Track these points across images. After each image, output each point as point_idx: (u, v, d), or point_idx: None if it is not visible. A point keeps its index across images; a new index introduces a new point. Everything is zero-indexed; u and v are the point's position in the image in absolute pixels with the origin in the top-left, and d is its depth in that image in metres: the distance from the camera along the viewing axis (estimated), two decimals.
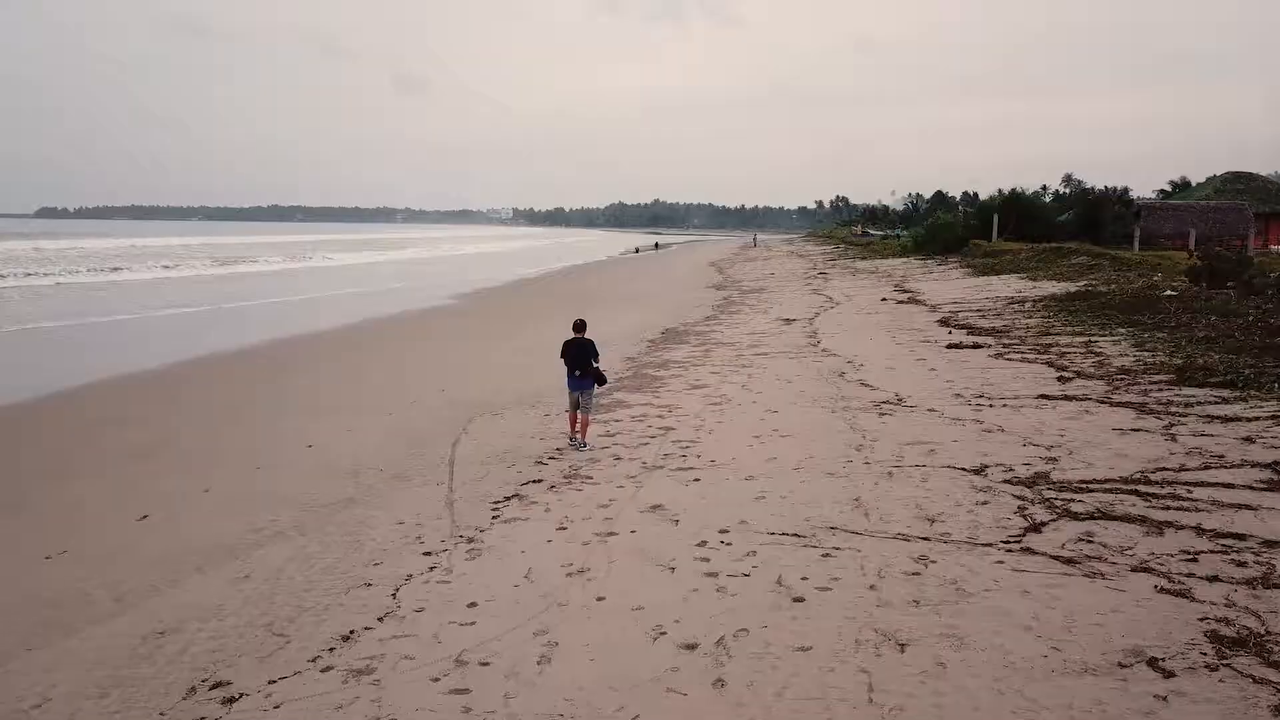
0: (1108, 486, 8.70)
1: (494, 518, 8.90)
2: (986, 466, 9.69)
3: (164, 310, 33.04)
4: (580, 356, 11.65)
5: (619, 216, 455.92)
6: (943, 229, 52.92)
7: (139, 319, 30.26)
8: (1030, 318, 22.52)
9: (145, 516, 9.58)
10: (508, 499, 9.53)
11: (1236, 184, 66.79)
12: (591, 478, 10.16)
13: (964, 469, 9.65)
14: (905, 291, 32.99)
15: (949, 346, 18.51)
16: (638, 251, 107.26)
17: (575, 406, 11.70)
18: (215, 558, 8.20)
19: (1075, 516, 7.90)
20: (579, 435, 11.67)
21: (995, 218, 51.39)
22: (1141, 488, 8.60)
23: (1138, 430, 10.83)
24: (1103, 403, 12.44)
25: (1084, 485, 8.78)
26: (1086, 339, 18.16)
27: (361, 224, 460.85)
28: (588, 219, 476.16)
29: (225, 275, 53.45)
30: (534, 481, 10.15)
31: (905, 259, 52.79)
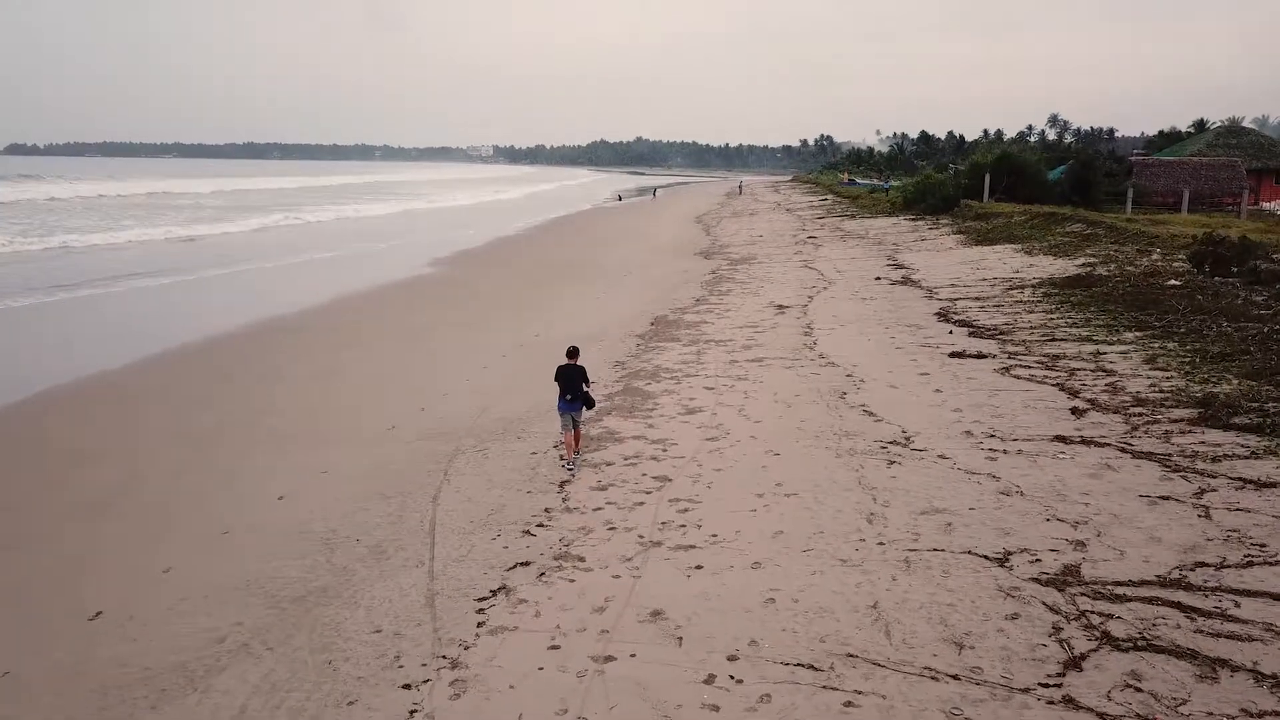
0: (1146, 593, 8.02)
1: (479, 625, 8.14)
2: (1010, 554, 8.99)
3: (127, 283, 31.76)
4: (572, 381, 12.24)
5: (600, 155, 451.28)
6: (933, 188, 51.85)
7: (98, 295, 29.04)
8: (1032, 311, 21.77)
9: (99, 614, 8.78)
10: (494, 593, 8.77)
11: (1229, 138, 66.03)
12: (584, 560, 9.41)
13: (986, 557, 8.94)
14: (899, 267, 32.14)
15: (952, 355, 17.75)
16: (620, 199, 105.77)
17: (568, 427, 12.26)
18: (171, 688, 7.43)
19: (1117, 645, 7.22)
20: (573, 454, 12.28)
21: (987, 178, 50.35)
22: (1183, 596, 7.92)
23: (1167, 499, 10.13)
24: (1124, 451, 11.73)
25: (1120, 591, 8.09)
26: (1094, 348, 17.43)
27: (339, 161, 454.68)
28: (569, 157, 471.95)
29: (196, 237, 51.88)
30: (521, 565, 9.38)
31: (894, 218, 51.83)
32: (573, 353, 12.59)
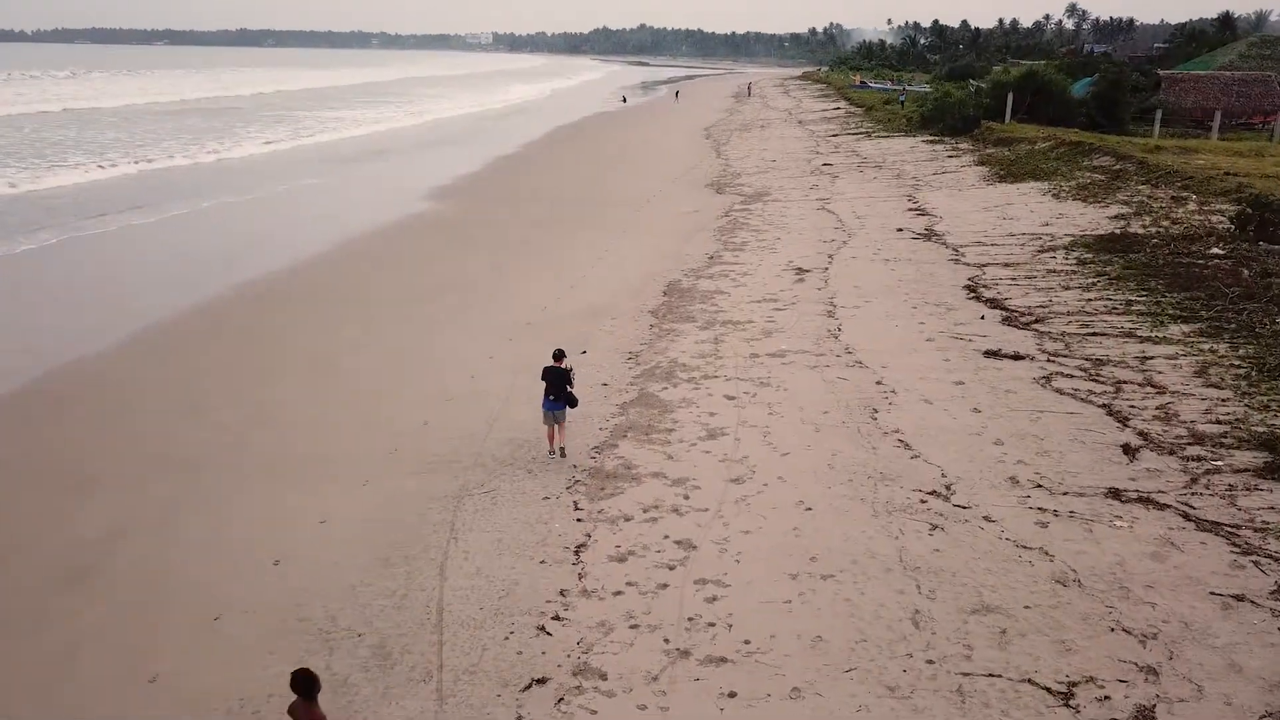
0: None
1: None
2: (1075, 685, 8.18)
3: (96, 226, 30.38)
4: (557, 383, 13.02)
5: (602, 43, 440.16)
6: (952, 107, 49.84)
7: (58, 245, 27.80)
8: (1067, 287, 20.61)
9: None
10: None
11: (1262, 49, 63.44)
12: (605, 677, 8.62)
13: (1049, 690, 8.14)
14: (921, 213, 30.74)
15: (987, 354, 16.72)
16: (625, 101, 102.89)
17: (551, 423, 13.22)
18: None
19: None
20: (556, 447, 13.29)
21: (1009, 97, 48.23)
22: None
23: (1241, 599, 9.30)
24: (1186, 517, 10.85)
25: None
26: (1139, 347, 16.41)
27: (335, 50, 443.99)
28: (571, 45, 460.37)
29: (178, 170, 49.97)
30: (538, 683, 8.60)
31: (912, 139, 49.95)
32: (558, 355, 13.30)
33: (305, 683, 6.64)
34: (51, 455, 14.04)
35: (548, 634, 9.35)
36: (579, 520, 11.54)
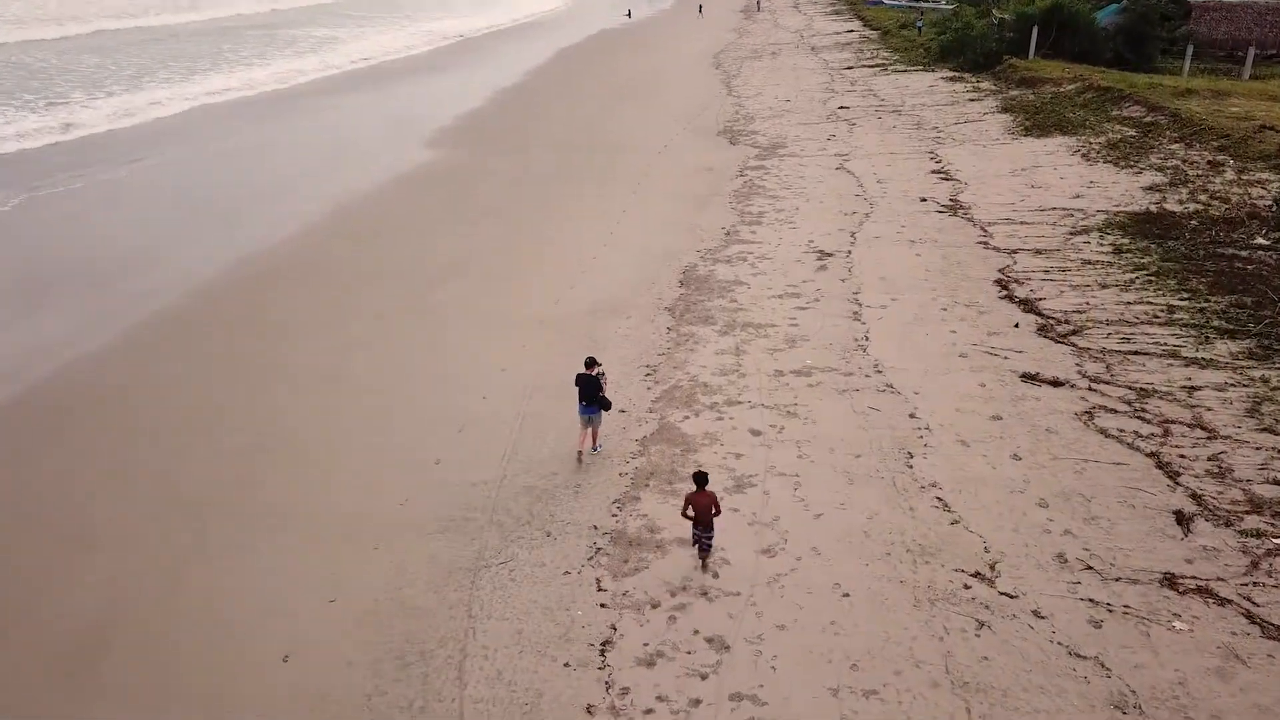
0: None
1: None
2: None
3: (68, 181, 29.25)
4: (589, 389, 13.65)
5: None
6: (973, 41, 47.87)
7: (21, 205, 26.72)
8: (1104, 284, 19.66)
9: None
10: None
11: None
12: None
13: None
14: (944, 176, 29.45)
15: (1024, 378, 15.92)
16: (630, 15, 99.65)
17: (585, 426, 13.94)
18: None
19: None
20: (587, 446, 14.01)
21: (1034, 31, 46.18)
22: None
23: None
24: (1250, 619, 10.23)
25: None
26: (1185, 373, 15.61)
27: None
28: None
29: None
30: None
31: (931, 74, 48.13)
32: (589, 363, 13.85)
33: (701, 478, 11.36)
34: (45, 491, 13.42)
35: None
36: (603, 605, 10.93)
